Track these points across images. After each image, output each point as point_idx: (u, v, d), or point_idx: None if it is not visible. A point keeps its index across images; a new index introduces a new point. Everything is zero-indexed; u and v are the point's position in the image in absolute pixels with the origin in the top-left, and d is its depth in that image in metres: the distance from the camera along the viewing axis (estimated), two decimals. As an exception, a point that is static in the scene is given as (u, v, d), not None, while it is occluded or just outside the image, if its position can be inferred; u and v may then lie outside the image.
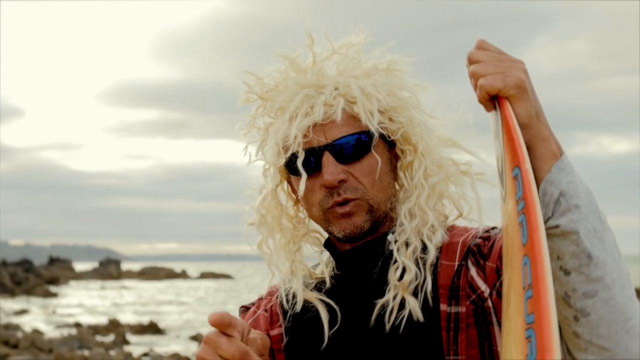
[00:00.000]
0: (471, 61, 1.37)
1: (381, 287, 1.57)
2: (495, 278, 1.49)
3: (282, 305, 1.71)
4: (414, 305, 1.51)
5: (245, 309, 1.77)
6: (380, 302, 1.54)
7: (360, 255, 1.63)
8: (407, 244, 1.58)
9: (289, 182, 1.71)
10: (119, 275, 71.98)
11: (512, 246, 1.28)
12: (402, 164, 1.65)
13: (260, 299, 1.78)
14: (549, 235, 1.29)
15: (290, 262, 1.69)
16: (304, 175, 1.56)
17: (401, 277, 1.54)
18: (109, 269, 73.36)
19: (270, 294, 1.77)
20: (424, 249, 1.57)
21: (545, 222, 1.30)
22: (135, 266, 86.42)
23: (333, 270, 1.68)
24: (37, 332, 20.04)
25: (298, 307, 1.64)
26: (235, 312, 1.64)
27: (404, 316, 1.51)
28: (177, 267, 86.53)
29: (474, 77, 1.36)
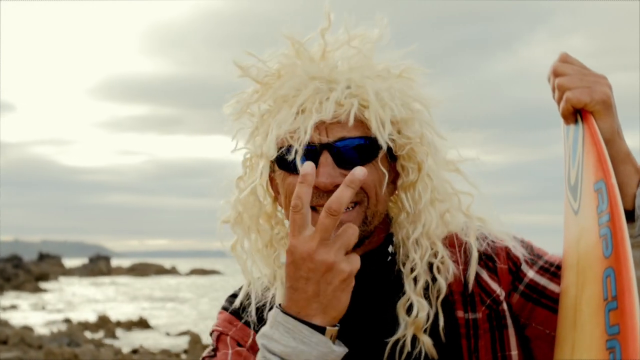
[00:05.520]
0: (556, 74, 1.39)
1: (386, 317, 1.47)
2: (510, 279, 1.49)
3: (252, 325, 1.54)
4: (428, 344, 1.43)
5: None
6: (392, 340, 1.45)
7: (366, 276, 1.46)
8: (415, 278, 1.47)
9: (271, 178, 1.55)
10: (109, 271, 71.83)
11: (587, 258, 1.29)
12: (403, 183, 1.51)
13: (221, 334, 1.55)
14: None
15: (270, 268, 1.54)
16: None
17: (411, 313, 1.44)
18: (98, 265, 73.17)
19: (230, 322, 1.57)
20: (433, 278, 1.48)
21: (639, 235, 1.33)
22: (125, 262, 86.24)
23: None
24: (26, 328, 19.94)
25: None
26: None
27: (417, 354, 1.43)
28: (167, 263, 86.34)
29: (560, 89, 1.38)
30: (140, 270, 74.19)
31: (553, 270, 1.51)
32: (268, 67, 1.49)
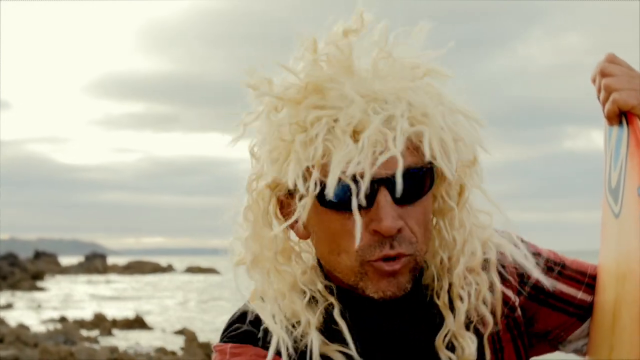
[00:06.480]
0: (603, 74, 1.37)
1: (425, 356, 1.32)
2: (517, 281, 1.44)
3: None
4: None
5: None
6: None
7: (397, 309, 1.32)
8: (455, 309, 1.33)
9: (280, 201, 1.32)
10: (105, 269, 71.77)
11: (629, 261, 1.29)
12: (440, 207, 1.33)
13: None
14: None
15: (303, 316, 1.29)
16: (359, 219, 1.19)
17: (454, 349, 1.32)
18: (94, 263, 73.12)
19: (259, 354, 1.28)
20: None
21: None
22: (121, 260, 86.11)
23: (340, 315, 1.31)
24: (22, 326, 19.91)
25: None
26: (223, 307, 1.49)
27: None
28: (163, 261, 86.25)
29: (607, 90, 1.36)
30: (136, 268, 74.10)
31: (559, 270, 1.47)
32: (299, 78, 1.24)
